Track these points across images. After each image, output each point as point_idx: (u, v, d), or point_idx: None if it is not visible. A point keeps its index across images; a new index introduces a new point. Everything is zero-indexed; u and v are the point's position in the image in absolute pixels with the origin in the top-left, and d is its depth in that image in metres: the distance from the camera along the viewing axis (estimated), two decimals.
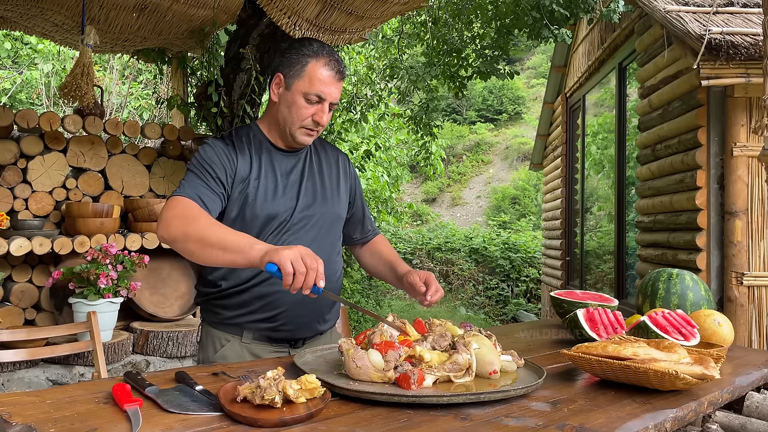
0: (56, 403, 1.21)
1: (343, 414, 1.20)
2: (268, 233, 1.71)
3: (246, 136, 1.79)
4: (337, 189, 1.88)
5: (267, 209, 1.71)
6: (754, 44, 3.60)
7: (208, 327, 1.82)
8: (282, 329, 1.76)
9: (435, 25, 5.83)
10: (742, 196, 3.88)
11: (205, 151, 1.71)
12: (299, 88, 1.69)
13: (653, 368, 1.33)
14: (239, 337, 1.76)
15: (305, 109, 1.69)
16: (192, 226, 1.53)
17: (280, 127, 1.75)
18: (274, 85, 1.74)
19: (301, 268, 1.38)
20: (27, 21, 3.42)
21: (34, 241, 3.15)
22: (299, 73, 1.69)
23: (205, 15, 3.41)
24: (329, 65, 1.70)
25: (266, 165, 1.75)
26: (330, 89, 1.70)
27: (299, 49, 1.71)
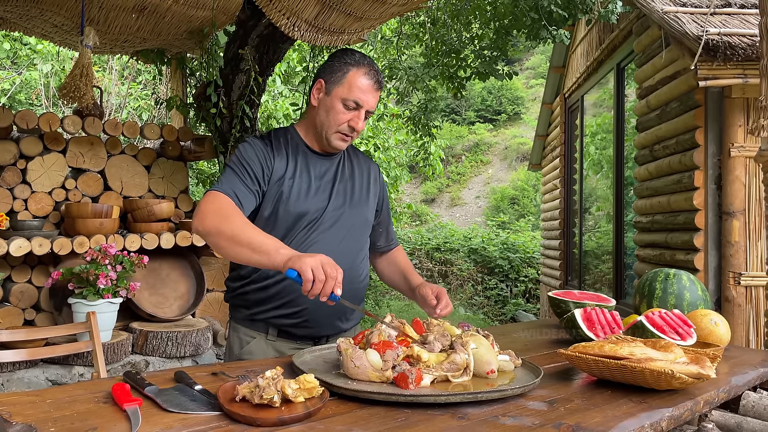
0: (56, 403, 1.22)
1: (341, 413, 1.21)
2: (299, 230, 1.79)
3: (283, 137, 1.88)
4: (367, 195, 1.97)
5: (299, 207, 1.79)
6: (752, 45, 3.61)
7: (235, 324, 1.90)
8: (305, 326, 1.82)
9: (434, 26, 5.85)
10: (739, 196, 3.89)
11: (245, 149, 1.80)
12: (339, 93, 1.78)
13: (649, 368, 1.33)
14: (264, 334, 1.84)
15: (343, 114, 1.78)
16: (225, 224, 1.61)
17: (317, 130, 1.84)
18: (315, 90, 1.83)
19: (321, 276, 1.44)
20: (26, 22, 3.43)
21: (34, 241, 3.16)
22: (340, 79, 1.78)
23: (204, 16, 3.42)
24: (368, 75, 1.79)
25: (301, 165, 1.84)
26: (367, 97, 1.78)
27: (342, 58, 1.81)
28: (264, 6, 3.31)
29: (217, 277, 4.05)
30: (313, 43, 3.64)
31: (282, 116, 7.48)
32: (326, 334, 1.88)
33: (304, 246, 1.78)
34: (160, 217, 3.66)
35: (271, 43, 3.83)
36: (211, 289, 4.02)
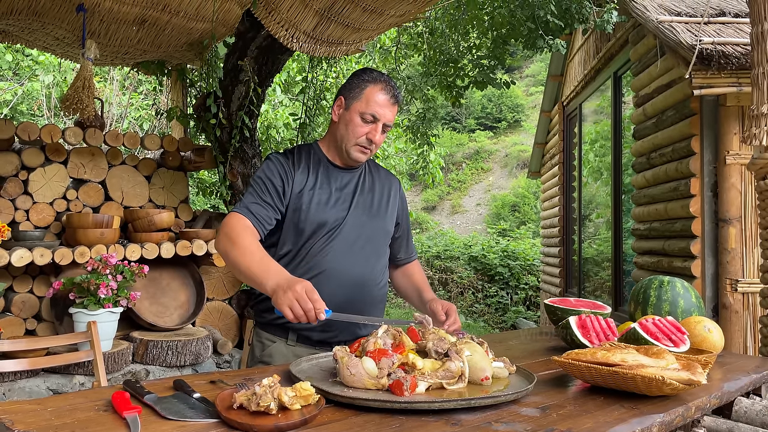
0: (57, 411, 1.24)
1: (337, 420, 1.23)
2: (319, 238, 1.88)
3: (306, 152, 2.00)
4: (386, 207, 2.05)
5: (318, 217, 1.89)
6: (745, 54, 3.65)
7: (258, 329, 2.00)
8: (322, 331, 1.89)
9: (432, 36, 5.89)
10: (735, 203, 3.91)
11: (267, 166, 1.93)
12: (357, 108, 1.88)
13: (641, 374, 1.35)
14: (284, 339, 1.93)
15: (360, 127, 1.88)
16: (231, 250, 1.76)
17: (338, 144, 1.94)
18: (336, 106, 1.95)
19: (299, 311, 1.55)
20: (28, 35, 3.47)
21: (35, 251, 3.19)
22: (358, 95, 1.89)
23: (204, 28, 3.45)
24: (385, 90, 1.89)
25: (322, 178, 1.94)
26: (384, 111, 1.88)
27: (360, 76, 1.93)
28: (263, 18, 3.35)
29: (217, 286, 4.08)
30: (312, 53, 3.68)
31: (282, 125, 7.52)
32: (344, 339, 1.92)
33: (323, 253, 1.87)
34: (160, 227, 3.69)
35: (270, 55, 3.87)
36: (211, 298, 4.04)
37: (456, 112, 22.78)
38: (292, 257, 1.90)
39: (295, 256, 1.90)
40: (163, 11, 3.19)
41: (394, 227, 2.09)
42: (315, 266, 1.87)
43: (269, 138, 7.22)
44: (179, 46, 3.69)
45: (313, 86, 5.07)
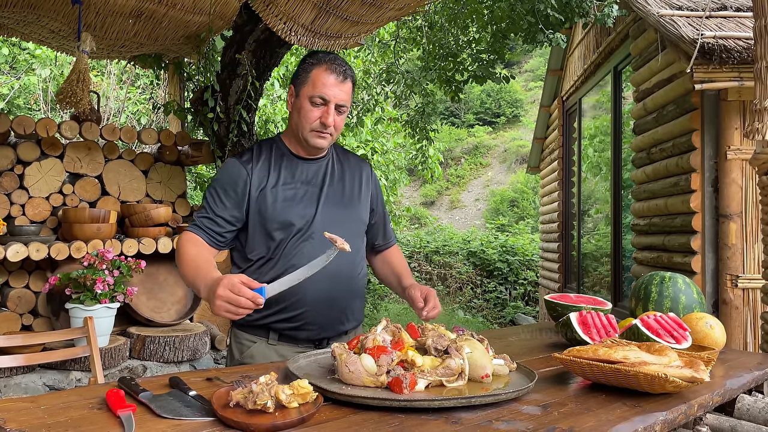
0: (50, 409, 1.22)
1: (335, 418, 1.21)
2: (290, 237, 1.83)
3: (267, 148, 1.94)
4: (359, 195, 2.00)
5: (285, 216, 1.83)
6: (747, 48, 3.62)
7: (236, 330, 1.94)
8: (305, 329, 1.85)
9: (431, 30, 5.86)
10: (736, 199, 3.90)
11: (221, 174, 1.91)
12: (305, 93, 1.84)
13: (643, 371, 1.34)
14: (265, 339, 1.88)
15: (311, 111, 1.82)
16: (179, 264, 1.79)
17: (296, 134, 1.89)
18: (289, 96, 1.91)
19: (237, 310, 1.52)
20: (24, 27, 3.43)
21: (31, 246, 3.16)
22: (305, 80, 1.84)
23: (201, 21, 3.42)
24: (330, 69, 1.82)
25: (286, 173, 1.89)
26: (333, 90, 1.82)
27: (306, 60, 1.88)
28: (261, 11, 3.31)
29: None
30: (310, 47, 3.65)
31: (280, 120, 7.49)
32: (327, 336, 1.90)
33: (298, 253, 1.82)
34: (157, 222, 3.66)
35: (268, 48, 3.84)
36: None
37: (455, 107, 22.73)
38: (266, 261, 1.85)
39: (270, 260, 1.85)
40: (159, 4, 3.16)
41: (369, 215, 2.04)
42: (288, 268, 1.79)
43: (267, 132, 7.19)
44: (176, 40, 3.65)
45: None
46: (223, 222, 1.84)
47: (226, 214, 1.84)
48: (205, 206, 1.87)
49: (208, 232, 1.84)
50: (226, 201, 1.85)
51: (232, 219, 1.85)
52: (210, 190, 1.90)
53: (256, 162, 1.88)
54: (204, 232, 1.84)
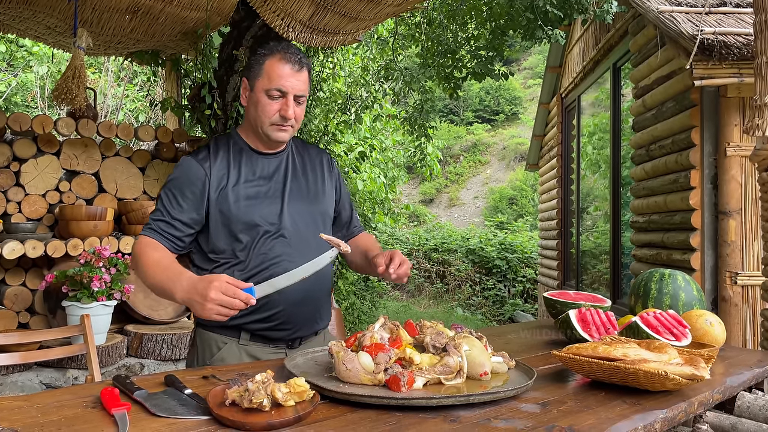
0: (44, 408, 1.21)
1: (332, 417, 1.20)
2: (258, 238, 1.74)
3: (225, 144, 1.84)
4: (323, 187, 1.92)
5: (249, 215, 1.74)
6: (747, 44, 3.61)
7: (203, 330, 1.82)
8: (280, 329, 1.78)
9: (429, 27, 5.84)
10: (735, 195, 3.89)
11: (177, 174, 1.78)
12: (261, 86, 1.74)
13: (643, 369, 1.33)
14: (236, 339, 1.78)
15: (269, 105, 1.74)
16: (140, 271, 1.69)
17: (254, 129, 1.80)
18: (243, 90, 1.82)
19: (228, 311, 1.48)
20: (19, 24, 3.41)
21: (27, 244, 3.14)
22: (259, 72, 1.75)
23: (198, 17, 3.40)
24: (285, 58, 1.73)
25: (246, 170, 1.79)
26: (289, 81, 1.73)
27: (258, 51, 1.79)
28: (258, 7, 3.30)
29: None
30: (308, 43, 3.63)
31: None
32: (301, 336, 1.83)
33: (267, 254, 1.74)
34: None
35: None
36: None
37: (454, 104, 22.71)
38: (237, 262, 1.75)
39: (240, 261, 1.75)
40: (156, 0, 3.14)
41: (334, 206, 1.96)
42: (262, 270, 1.73)
43: None
44: (173, 36, 3.64)
45: None
46: (182, 225, 1.74)
47: (184, 217, 1.74)
48: (161, 209, 1.76)
49: (166, 236, 1.73)
50: (183, 203, 1.74)
51: (191, 222, 1.75)
52: (165, 191, 1.77)
53: (213, 160, 1.78)
54: (161, 236, 1.73)
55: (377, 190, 8.79)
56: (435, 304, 11.58)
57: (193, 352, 1.85)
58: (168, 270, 1.63)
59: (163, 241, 1.72)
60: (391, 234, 13.63)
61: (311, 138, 5.67)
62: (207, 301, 1.46)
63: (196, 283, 1.51)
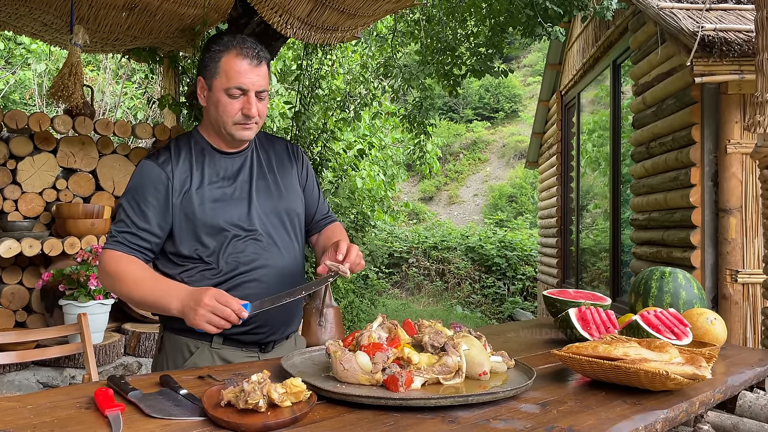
0: (37, 408, 1.19)
1: (329, 417, 1.18)
2: (227, 242, 1.67)
3: (186, 145, 1.75)
4: (290, 180, 1.84)
5: (216, 217, 1.67)
6: (748, 41, 3.59)
7: (172, 334, 1.74)
8: (254, 333, 1.72)
9: (429, 24, 5.81)
10: (736, 193, 3.87)
11: (136, 179, 1.69)
12: (219, 85, 1.66)
13: (644, 369, 1.31)
14: (208, 343, 1.70)
15: (231, 105, 1.66)
16: (120, 286, 1.60)
17: (216, 129, 1.72)
18: (199, 89, 1.73)
19: (220, 322, 1.46)
20: (16, 20, 3.39)
21: (24, 242, 3.13)
22: (215, 71, 1.66)
23: (195, 14, 3.38)
24: (242, 54, 1.65)
25: (210, 172, 1.71)
26: (249, 78, 1.65)
27: (211, 48, 1.69)
28: (256, 3, 3.28)
29: None
30: (306, 40, 3.61)
31: (278, 115, 7.45)
32: (274, 339, 1.77)
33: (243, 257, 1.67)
34: None
35: (264, 41, 3.80)
36: None
37: (453, 102, 22.69)
38: (203, 269, 1.67)
39: (207, 268, 1.67)
40: None
41: (303, 200, 1.87)
42: (236, 275, 1.66)
43: (263, 127, 7.14)
44: (171, 33, 3.62)
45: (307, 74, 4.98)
46: (149, 235, 1.64)
47: (150, 226, 1.64)
48: (124, 219, 1.64)
49: (135, 248, 1.63)
50: (147, 211, 1.64)
51: (158, 230, 1.66)
52: (127, 199, 1.67)
53: (175, 162, 1.69)
54: (130, 248, 1.63)
55: (376, 187, 8.77)
56: (434, 302, 11.57)
57: (162, 357, 1.76)
58: (157, 284, 1.58)
59: (133, 254, 1.63)
60: (390, 232, 13.62)
61: (310, 135, 5.65)
62: (200, 307, 1.44)
63: (192, 292, 1.49)
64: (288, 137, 5.96)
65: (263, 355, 1.76)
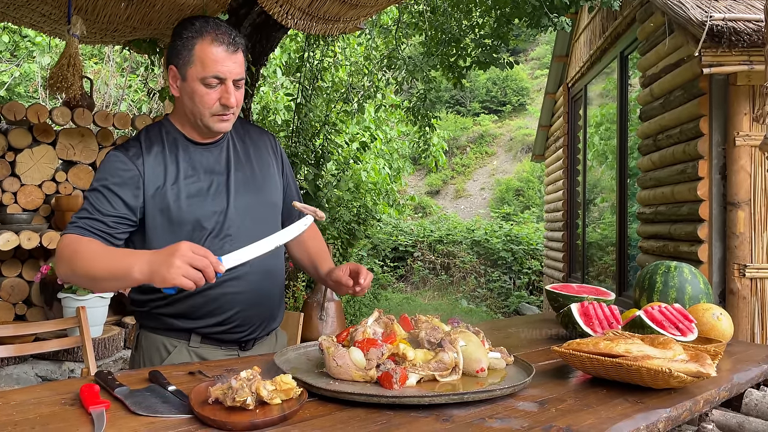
0: (20, 405, 1.17)
1: (320, 416, 1.15)
2: (204, 240, 1.59)
3: (157, 136, 1.64)
4: (269, 173, 1.76)
5: (194, 213, 1.58)
6: (757, 30, 3.52)
7: (149, 333, 1.67)
8: (234, 331, 1.67)
9: (433, 15, 5.75)
10: (744, 186, 3.80)
11: (103, 173, 1.58)
12: (194, 74, 1.55)
13: (646, 366, 1.27)
14: (186, 342, 1.64)
15: (207, 95, 1.56)
16: (77, 265, 1.46)
17: (191, 120, 1.62)
18: (171, 78, 1.61)
19: (196, 274, 1.33)
20: (14, 11, 3.35)
21: (22, 235, 3.11)
22: (189, 59, 1.56)
23: (195, 4, 3.33)
24: (217, 40, 1.55)
25: (185, 166, 1.62)
26: (226, 66, 1.55)
27: (182, 33, 1.57)
28: None
29: None
30: (308, 31, 3.56)
31: (283, 107, 7.41)
32: (254, 337, 1.72)
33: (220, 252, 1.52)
34: None
35: (264, 32, 3.76)
36: None
37: (460, 95, 22.58)
38: None
39: None
40: None
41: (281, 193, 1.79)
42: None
43: (266, 120, 7.10)
44: (170, 23, 3.57)
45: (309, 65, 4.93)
46: (113, 221, 1.54)
47: (115, 211, 1.54)
48: (87, 207, 1.54)
49: (96, 232, 1.51)
50: (112, 200, 1.54)
51: (124, 217, 1.55)
52: (90, 190, 1.57)
53: (147, 154, 1.59)
54: (91, 233, 1.51)
55: (381, 181, 8.72)
56: (439, 296, 11.54)
57: (138, 357, 1.68)
58: (118, 253, 1.46)
59: (92, 237, 1.51)
60: (395, 225, 13.58)
61: (311, 128, 5.61)
62: (176, 258, 1.31)
63: (159, 251, 1.37)
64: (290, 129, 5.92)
65: (243, 353, 1.70)
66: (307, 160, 5.43)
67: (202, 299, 1.61)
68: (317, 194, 5.40)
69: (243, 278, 1.62)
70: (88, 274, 1.45)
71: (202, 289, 1.56)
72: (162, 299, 1.62)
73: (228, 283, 1.61)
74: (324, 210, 5.76)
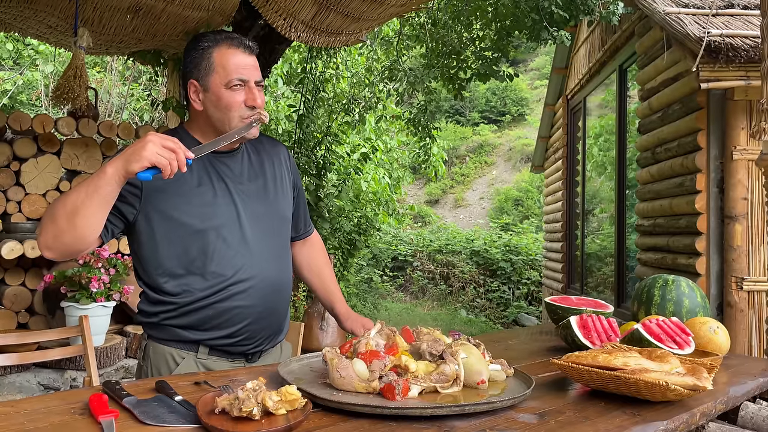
0: (31, 414, 1.19)
1: (324, 426, 1.17)
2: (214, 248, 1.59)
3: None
4: (282, 185, 1.77)
5: (206, 222, 1.58)
6: (754, 47, 3.56)
7: (157, 344, 1.67)
8: (243, 344, 1.67)
9: (434, 27, 5.81)
10: (741, 200, 3.84)
11: None
12: (217, 82, 1.58)
13: (643, 379, 1.29)
14: (194, 353, 1.65)
15: (233, 99, 1.58)
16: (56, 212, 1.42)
17: (217, 130, 1.62)
18: (192, 93, 1.62)
19: (171, 154, 1.34)
20: (21, 23, 3.40)
21: (26, 244, 3.13)
22: (209, 68, 1.58)
23: (200, 17, 3.39)
24: (234, 44, 1.59)
25: (199, 174, 1.61)
26: (246, 68, 1.59)
27: (197, 48, 1.61)
28: (260, 6, 3.28)
29: None
30: (311, 44, 3.61)
31: (284, 117, 7.46)
32: (261, 349, 1.73)
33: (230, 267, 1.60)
34: None
35: (268, 44, 3.80)
36: None
37: (460, 105, 22.67)
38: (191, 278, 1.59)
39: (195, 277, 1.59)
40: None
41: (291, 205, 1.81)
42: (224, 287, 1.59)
43: (268, 130, 7.15)
44: (175, 35, 3.62)
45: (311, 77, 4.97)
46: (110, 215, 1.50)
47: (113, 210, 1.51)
48: None
49: None
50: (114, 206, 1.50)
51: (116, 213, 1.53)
52: None
53: None
54: None
55: (381, 190, 8.76)
56: (438, 306, 11.55)
57: (145, 367, 1.68)
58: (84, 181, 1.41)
59: None
60: (395, 235, 13.60)
61: (313, 139, 5.65)
62: (147, 141, 1.32)
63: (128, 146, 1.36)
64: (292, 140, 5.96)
65: (249, 365, 1.72)
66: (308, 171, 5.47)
67: (212, 312, 1.62)
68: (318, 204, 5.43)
69: (252, 292, 1.64)
70: (66, 208, 1.41)
71: (212, 302, 1.61)
72: (172, 310, 1.62)
73: (238, 296, 1.62)
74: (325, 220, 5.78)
